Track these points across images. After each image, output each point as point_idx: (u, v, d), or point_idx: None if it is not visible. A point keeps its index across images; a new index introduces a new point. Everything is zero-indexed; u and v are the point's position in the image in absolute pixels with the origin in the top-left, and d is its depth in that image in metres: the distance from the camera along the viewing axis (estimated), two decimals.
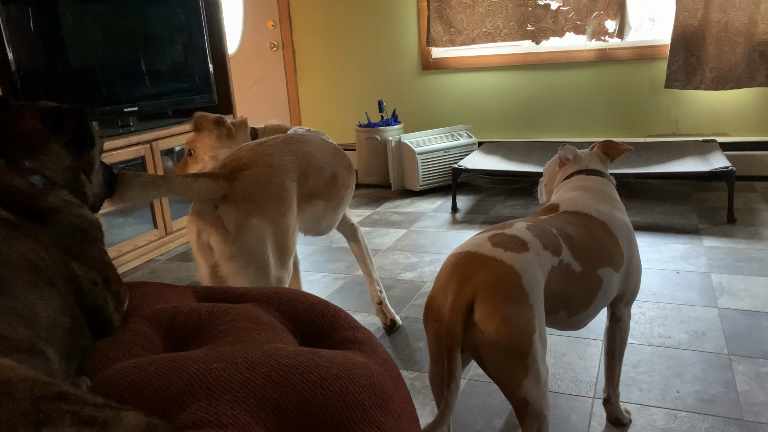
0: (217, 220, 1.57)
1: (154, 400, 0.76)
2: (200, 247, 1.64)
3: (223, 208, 1.56)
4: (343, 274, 2.81)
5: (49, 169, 0.98)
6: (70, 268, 0.91)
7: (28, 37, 2.73)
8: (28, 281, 0.81)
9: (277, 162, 1.67)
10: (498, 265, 1.18)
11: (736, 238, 2.91)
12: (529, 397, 1.16)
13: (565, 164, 1.68)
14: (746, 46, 3.68)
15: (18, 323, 0.73)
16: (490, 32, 4.32)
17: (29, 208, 0.91)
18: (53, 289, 0.85)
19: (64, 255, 0.91)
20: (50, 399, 0.56)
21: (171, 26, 3.45)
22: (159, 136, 3.23)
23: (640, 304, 2.29)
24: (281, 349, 0.88)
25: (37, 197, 0.93)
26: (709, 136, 4.06)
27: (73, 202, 0.99)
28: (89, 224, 0.99)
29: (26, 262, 0.83)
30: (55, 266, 0.88)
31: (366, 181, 4.54)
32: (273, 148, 1.70)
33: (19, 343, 0.71)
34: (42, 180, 0.96)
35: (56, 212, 0.94)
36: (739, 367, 1.83)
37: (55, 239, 0.91)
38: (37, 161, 0.97)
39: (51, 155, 0.99)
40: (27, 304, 0.77)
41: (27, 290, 0.79)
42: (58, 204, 0.95)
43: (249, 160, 1.64)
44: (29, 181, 0.93)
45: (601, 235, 1.40)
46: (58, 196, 0.96)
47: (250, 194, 1.58)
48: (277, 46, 5.12)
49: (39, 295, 0.81)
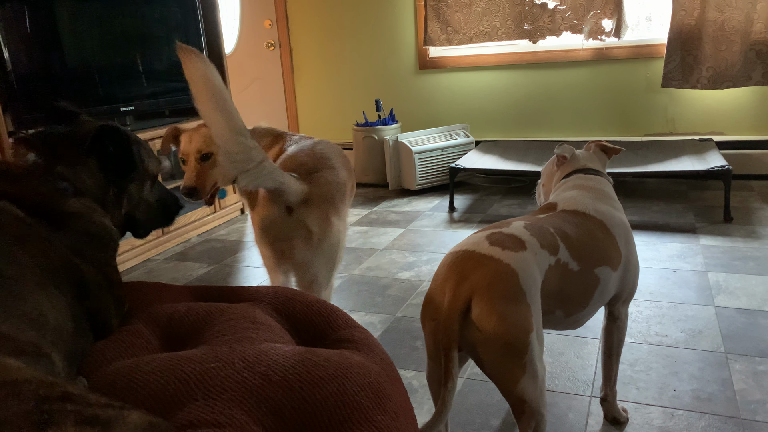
0: (298, 224, 1.62)
1: (151, 400, 0.76)
2: (277, 254, 1.67)
3: (305, 211, 1.62)
4: (340, 274, 2.80)
5: (80, 181, 1.03)
6: (78, 270, 0.91)
7: (24, 37, 2.72)
8: (37, 283, 0.81)
9: (335, 164, 1.77)
10: (495, 263, 1.18)
11: (733, 237, 2.92)
12: (526, 396, 1.17)
13: (562, 163, 1.67)
14: (743, 45, 3.69)
15: (26, 326, 0.74)
16: (487, 31, 4.32)
17: (49, 210, 0.94)
18: (60, 292, 0.85)
19: (73, 258, 0.92)
20: (54, 399, 0.57)
21: (168, 25, 3.45)
22: (156, 136, 3.22)
23: (637, 302, 2.29)
24: (278, 349, 0.88)
25: (60, 201, 0.96)
26: (706, 135, 4.07)
27: (96, 210, 1.02)
28: (106, 233, 1.02)
29: (37, 265, 0.84)
30: (64, 269, 0.89)
31: (363, 181, 4.54)
32: (325, 151, 1.80)
33: (26, 345, 0.71)
34: (70, 187, 1.00)
35: (75, 217, 0.97)
36: (735, 366, 1.83)
37: (68, 242, 0.93)
38: (71, 171, 1.02)
39: (84, 169, 1.04)
40: (35, 306, 0.78)
41: (35, 292, 0.80)
42: (78, 209, 0.98)
43: (314, 164, 1.72)
44: (57, 186, 0.98)
45: (599, 234, 1.40)
46: (81, 201, 1.00)
47: (326, 195, 1.66)
48: (274, 46, 5.12)
49: (47, 297, 0.81)
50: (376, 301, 2.48)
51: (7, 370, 0.59)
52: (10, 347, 0.69)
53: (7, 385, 0.56)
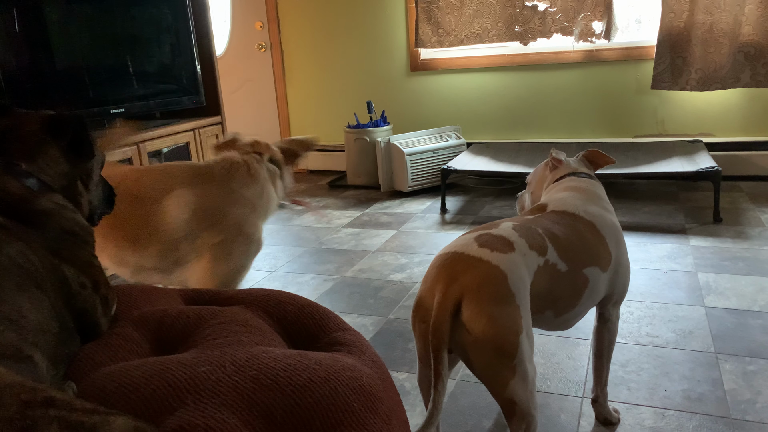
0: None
1: (141, 405, 0.76)
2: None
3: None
4: (332, 276, 2.80)
5: (45, 173, 0.99)
6: (59, 271, 0.90)
7: (13, 39, 2.70)
8: (17, 285, 0.80)
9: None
10: (484, 265, 1.19)
11: (723, 238, 2.94)
12: (516, 397, 1.17)
13: (556, 167, 1.68)
14: (731, 48, 3.72)
15: (5, 328, 0.72)
16: (478, 33, 4.33)
17: (21, 210, 0.91)
18: (42, 293, 0.84)
19: (53, 258, 0.90)
20: (37, 404, 0.56)
21: (158, 27, 3.43)
22: (146, 138, 3.21)
23: (628, 303, 2.30)
24: (270, 352, 0.87)
25: (30, 200, 0.93)
26: (696, 136, 4.10)
27: (67, 207, 0.99)
28: (81, 228, 0.99)
29: (15, 266, 0.82)
30: (45, 269, 0.87)
31: (355, 183, 4.54)
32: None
33: (6, 348, 0.70)
34: (37, 183, 0.96)
35: (48, 215, 0.94)
36: (726, 366, 1.84)
37: (45, 242, 0.91)
38: (33, 164, 0.98)
39: (48, 159, 1.00)
40: (14, 307, 0.77)
41: (15, 294, 0.78)
42: (50, 207, 0.95)
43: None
44: (23, 183, 0.94)
45: (588, 235, 1.41)
46: (52, 199, 0.97)
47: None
48: (265, 47, 5.11)
49: (27, 298, 0.80)
50: (368, 303, 2.48)
51: None
52: None
53: None
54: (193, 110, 3.80)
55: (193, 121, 3.58)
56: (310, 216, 3.85)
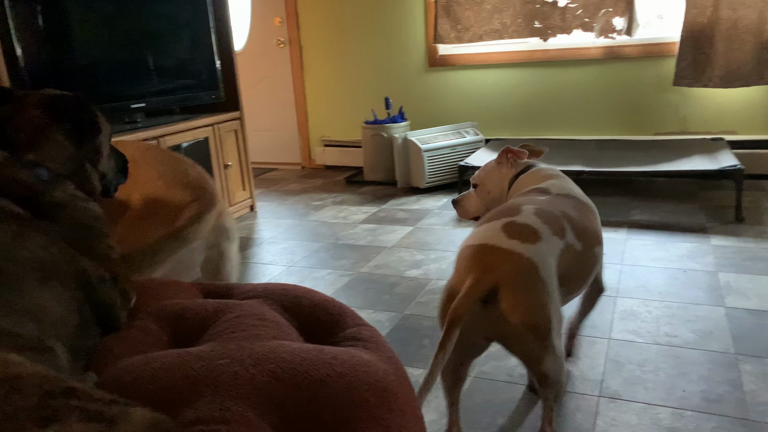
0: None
1: (159, 396, 0.77)
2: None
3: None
4: (348, 271, 2.81)
5: (52, 159, 0.98)
6: (79, 264, 0.91)
7: (36, 34, 2.74)
8: (38, 278, 0.81)
9: None
10: (518, 258, 1.26)
11: (744, 237, 2.90)
12: (549, 371, 1.30)
13: (516, 162, 1.75)
14: (755, 45, 3.65)
15: (27, 320, 0.74)
16: (497, 29, 4.30)
17: (35, 202, 0.91)
18: (63, 286, 0.85)
19: (72, 251, 0.91)
20: (58, 395, 0.57)
21: (178, 23, 3.46)
22: (166, 133, 3.24)
23: (647, 302, 2.28)
24: (286, 346, 0.88)
25: (43, 191, 0.93)
26: (718, 134, 4.03)
27: (79, 196, 0.98)
28: (95, 220, 0.99)
29: (36, 259, 0.83)
30: (65, 262, 0.88)
31: (372, 179, 4.54)
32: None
33: (28, 340, 0.71)
34: (47, 172, 0.95)
35: (62, 207, 0.94)
36: (745, 367, 1.82)
37: (61, 235, 0.91)
38: (39, 153, 0.97)
39: (53, 145, 0.98)
40: (36, 301, 0.78)
41: (37, 287, 0.80)
42: (63, 199, 0.95)
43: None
44: (34, 174, 0.93)
45: (590, 215, 1.54)
46: (64, 190, 0.96)
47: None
48: (284, 43, 5.13)
49: (49, 291, 0.81)
50: (384, 299, 2.48)
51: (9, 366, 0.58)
52: (12, 342, 0.69)
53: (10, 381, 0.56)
54: (212, 105, 3.83)
55: (212, 116, 3.61)
56: (327, 212, 3.86)
